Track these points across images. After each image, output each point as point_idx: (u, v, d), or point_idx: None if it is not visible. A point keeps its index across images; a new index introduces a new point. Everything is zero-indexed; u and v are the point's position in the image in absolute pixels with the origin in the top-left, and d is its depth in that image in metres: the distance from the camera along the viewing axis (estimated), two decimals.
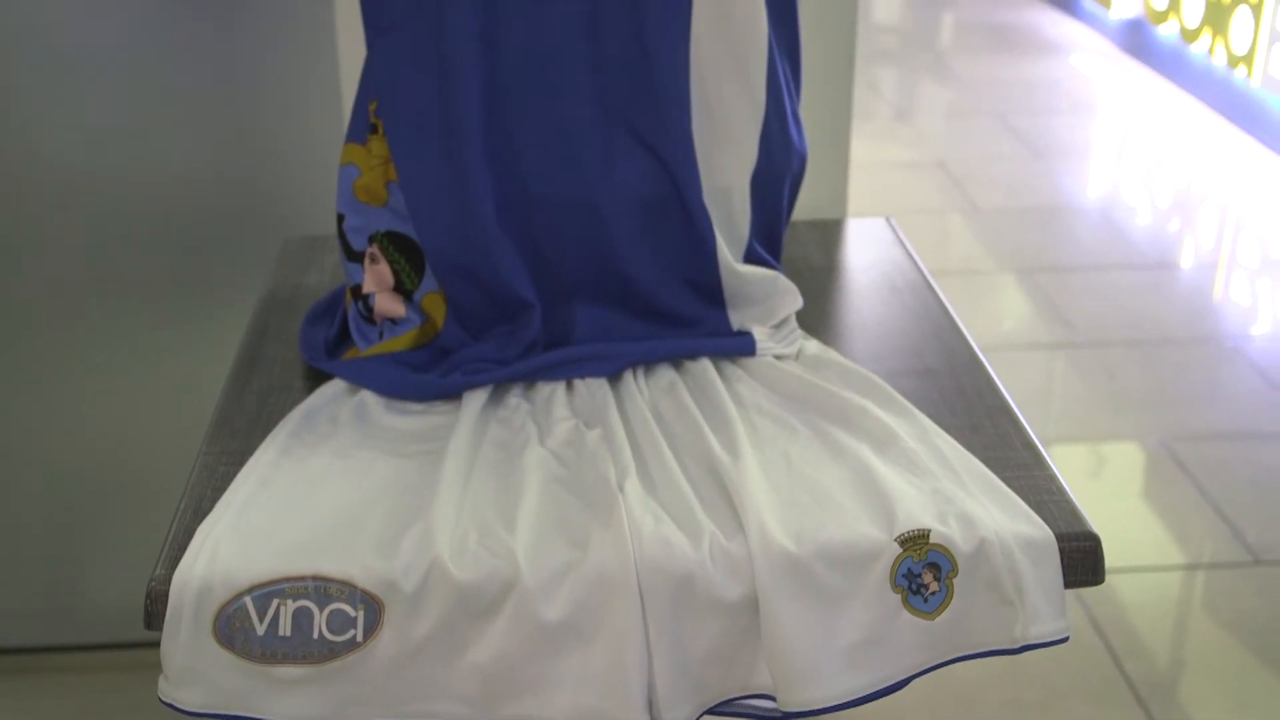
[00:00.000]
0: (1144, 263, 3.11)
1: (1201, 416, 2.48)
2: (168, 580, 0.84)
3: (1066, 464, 2.32)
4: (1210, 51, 4.00)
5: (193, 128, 1.55)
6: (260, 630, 0.83)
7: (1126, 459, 2.34)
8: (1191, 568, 2.06)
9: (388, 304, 1.08)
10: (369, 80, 1.07)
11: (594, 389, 1.02)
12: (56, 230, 1.59)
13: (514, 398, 1.03)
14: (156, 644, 0.84)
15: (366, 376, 1.05)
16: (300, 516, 0.89)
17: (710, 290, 1.07)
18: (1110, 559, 2.01)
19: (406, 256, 1.08)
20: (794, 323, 1.11)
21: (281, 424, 1.00)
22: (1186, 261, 3.13)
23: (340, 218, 1.10)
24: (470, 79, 0.99)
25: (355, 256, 1.10)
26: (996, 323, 2.84)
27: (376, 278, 1.09)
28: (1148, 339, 2.76)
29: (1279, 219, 3.33)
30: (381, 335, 1.09)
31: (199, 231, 1.59)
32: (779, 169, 1.08)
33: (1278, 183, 3.54)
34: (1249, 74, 3.78)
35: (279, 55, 1.52)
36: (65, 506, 1.73)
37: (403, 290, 1.08)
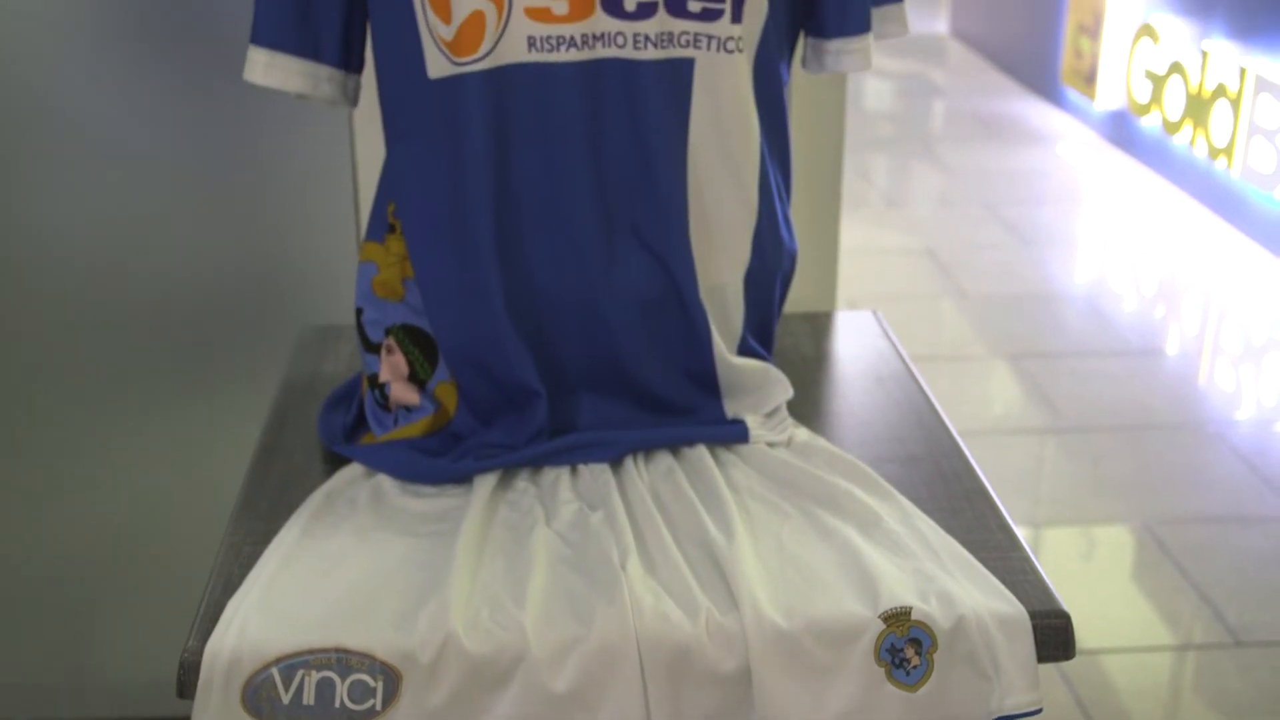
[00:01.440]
0: (1129, 349, 3.18)
1: (1184, 501, 2.54)
2: (199, 652, 0.90)
3: (1055, 547, 2.37)
4: (1192, 143, 4.12)
5: (211, 221, 1.63)
6: (286, 699, 0.89)
7: (1113, 542, 2.40)
8: (1175, 649, 2.11)
9: (403, 393, 1.15)
10: (388, 183, 1.15)
11: (597, 474, 1.09)
12: (82, 317, 1.66)
13: (522, 481, 1.09)
14: (180, 717, 0.90)
15: (383, 461, 1.12)
16: (323, 593, 0.95)
17: (706, 381, 1.13)
18: (1097, 640, 2.07)
19: (420, 348, 1.15)
20: (785, 411, 1.18)
21: (303, 506, 1.07)
22: (1171, 348, 3.21)
23: (359, 311, 1.17)
24: (481, 185, 1.07)
25: (373, 348, 1.17)
26: (984, 408, 2.91)
27: (392, 368, 1.15)
28: (1132, 424, 2.83)
29: (1261, 307, 3.41)
30: (397, 422, 1.16)
31: (218, 320, 1.67)
32: (770, 268, 1.15)
33: (1259, 271, 3.63)
34: (1229, 165, 3.89)
35: (297, 153, 1.60)
36: (86, 584, 1.78)
37: (417, 380, 1.15)
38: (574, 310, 1.09)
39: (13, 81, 1.56)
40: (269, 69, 1.10)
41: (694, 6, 1.05)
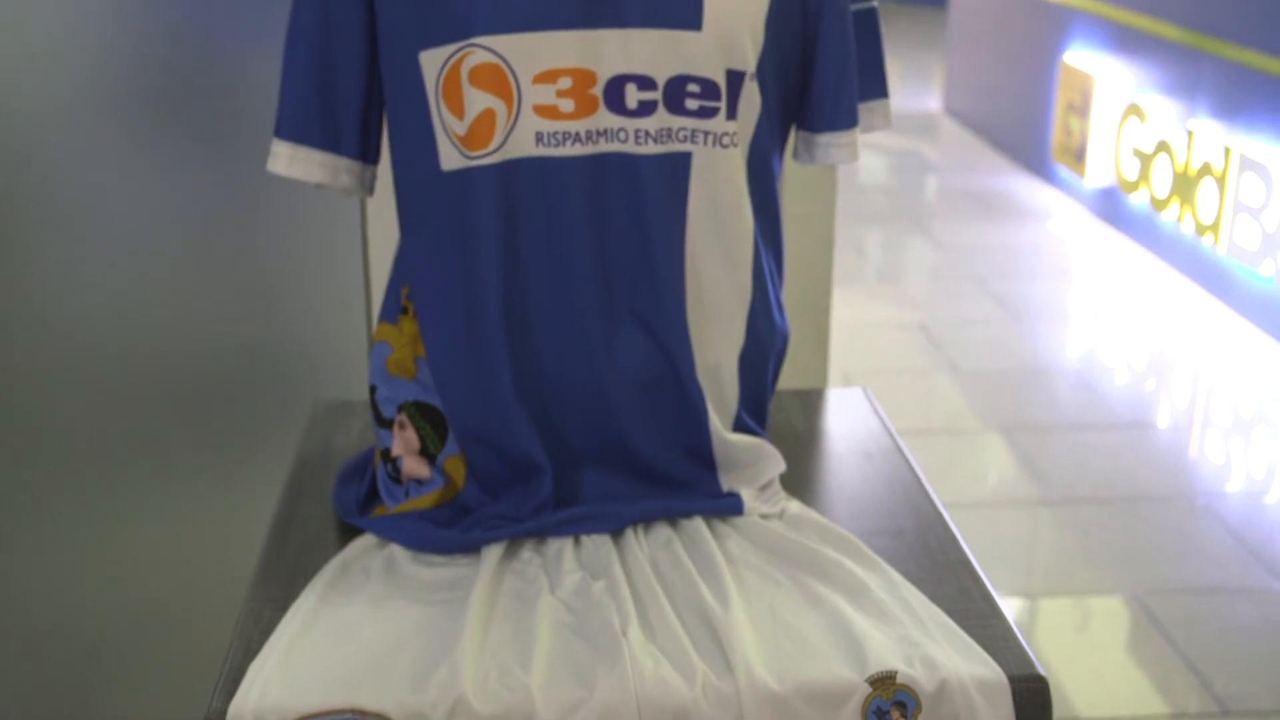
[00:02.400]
0: (1118, 423, 3.24)
1: (1173, 572, 2.59)
2: (223, 713, 0.95)
3: (1048, 617, 2.42)
4: (1179, 220, 4.21)
5: (228, 301, 1.70)
6: None
7: (1103, 612, 2.44)
8: (1165, 718, 2.15)
9: (414, 466, 1.21)
10: (401, 268, 1.22)
11: (599, 544, 1.14)
12: (103, 390, 1.72)
13: (527, 552, 1.15)
14: None
15: (395, 532, 1.17)
16: (340, 656, 1.01)
17: (703, 456, 1.19)
18: (1088, 709, 2.11)
19: (431, 424, 1.21)
20: (778, 485, 1.23)
21: (320, 574, 1.12)
22: (1160, 421, 3.27)
23: (373, 388, 1.23)
24: (490, 271, 1.13)
25: (385, 423, 1.23)
26: (976, 481, 2.96)
27: (404, 443, 1.21)
28: (1122, 496, 2.89)
29: (1249, 380, 3.48)
30: (408, 494, 1.22)
31: (234, 395, 1.73)
32: (764, 348, 1.22)
33: (1246, 346, 3.70)
34: (1215, 242, 3.98)
35: (311, 238, 1.67)
36: (108, 649, 1.83)
37: (427, 454, 1.21)
38: (578, 389, 1.15)
39: (31, 162, 1.63)
40: (292, 161, 1.17)
41: (691, 104, 1.12)
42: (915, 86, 7.22)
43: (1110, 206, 4.75)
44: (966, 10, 6.28)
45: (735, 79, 1.12)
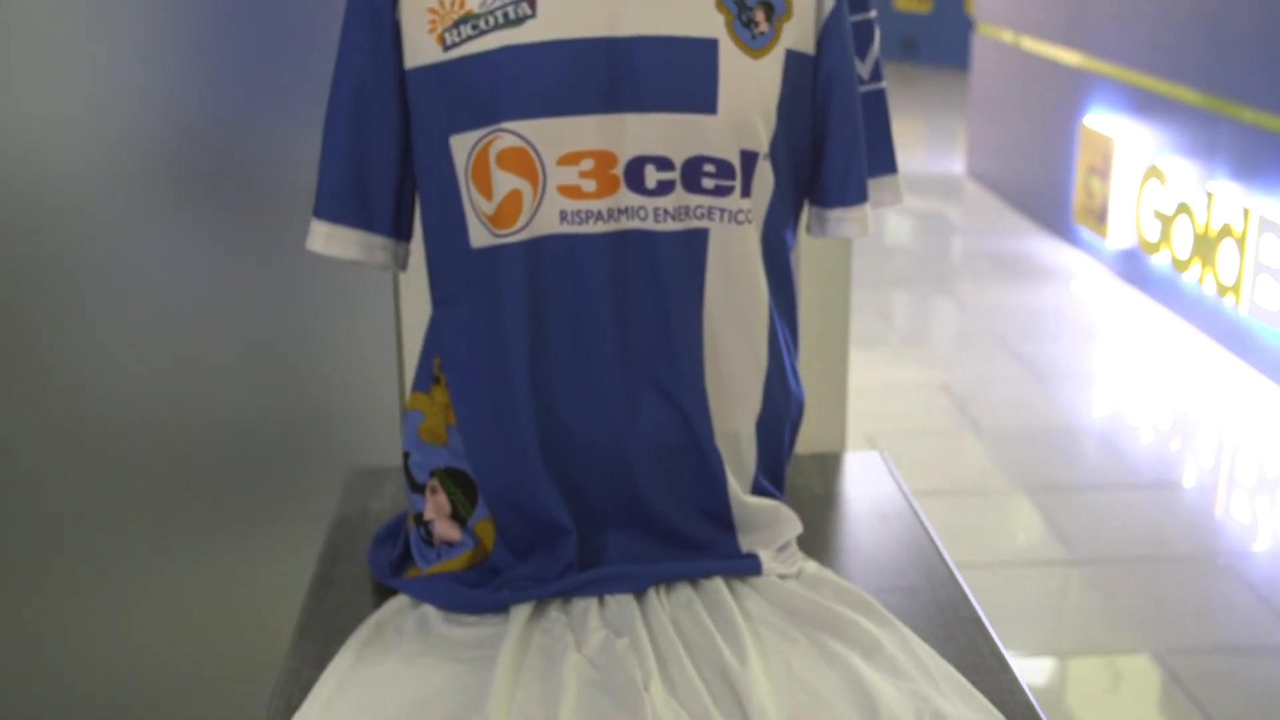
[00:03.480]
0: (1141, 482, 3.27)
1: (1197, 631, 2.60)
2: None
3: (1072, 676, 2.44)
4: (1201, 281, 4.24)
5: (264, 371, 1.77)
6: None
7: (1126, 672, 2.46)
8: None
9: (445, 530, 1.27)
10: (433, 339, 1.28)
11: (623, 604, 1.19)
12: (144, 458, 1.79)
13: (554, 611, 1.20)
14: None
15: (427, 593, 1.23)
16: (375, 713, 1.06)
17: (722, 519, 1.24)
18: None
19: (462, 489, 1.26)
20: (795, 546, 1.28)
21: (355, 634, 1.18)
22: (1183, 481, 3.29)
23: (406, 455, 1.29)
24: (518, 343, 1.19)
25: (418, 488, 1.28)
26: (1000, 541, 2.99)
27: (436, 507, 1.27)
28: (1145, 556, 2.91)
29: (1272, 440, 3.50)
30: (439, 556, 1.27)
31: (271, 462, 1.79)
32: (780, 415, 1.27)
33: (1270, 405, 3.72)
34: (1237, 302, 4.01)
35: (346, 310, 1.74)
36: (146, 710, 1.88)
37: (458, 518, 1.26)
38: (601, 455, 1.20)
39: (64, 235, 1.71)
40: (330, 240, 1.24)
41: (708, 183, 1.18)
42: (938, 149, 7.30)
43: (1132, 267, 4.79)
44: (987, 74, 6.36)
45: (749, 159, 1.18)
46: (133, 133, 1.70)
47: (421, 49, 1.19)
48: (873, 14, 1.30)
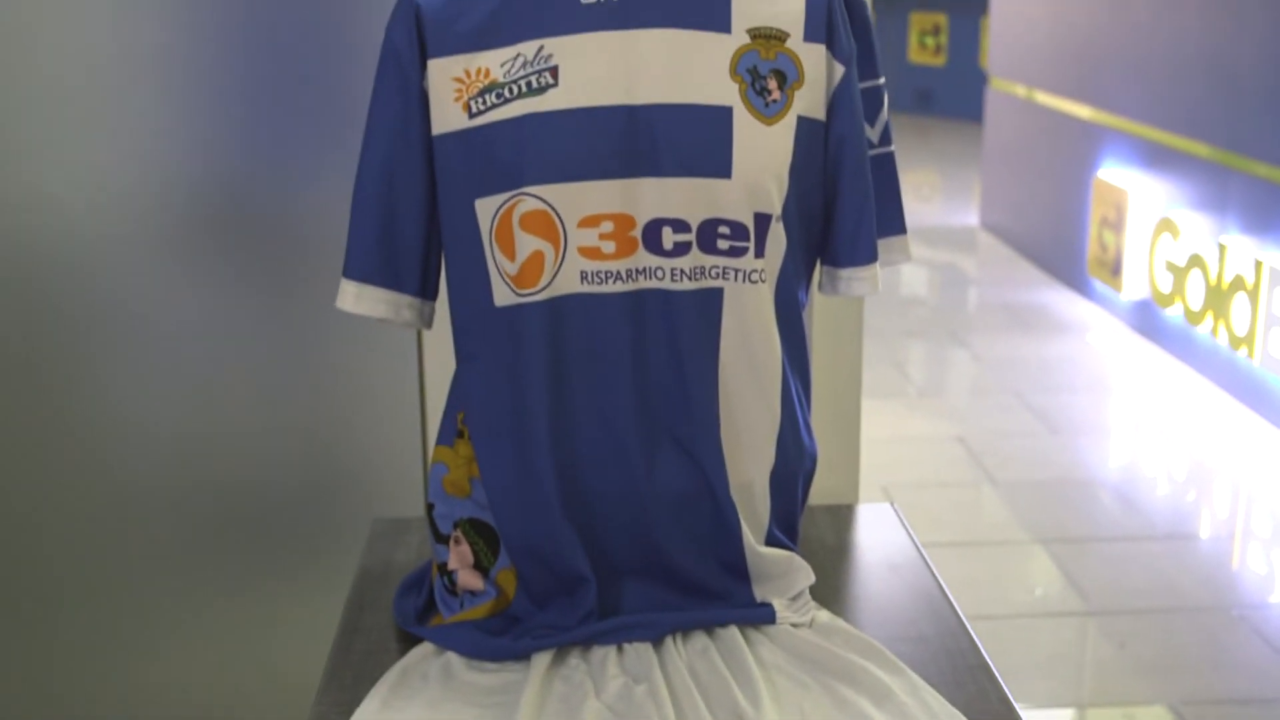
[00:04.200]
0: (1156, 534, 3.29)
1: (1211, 682, 2.62)
2: None
3: None
4: (1214, 333, 4.27)
5: (292, 426, 1.82)
6: None
7: None
8: None
9: (468, 579, 1.31)
10: (457, 394, 1.32)
11: (640, 652, 1.23)
12: (172, 510, 1.83)
13: (574, 658, 1.23)
14: None
15: (451, 640, 1.27)
16: None
17: (737, 569, 1.28)
18: None
19: (484, 540, 1.30)
20: (808, 595, 1.32)
21: (382, 680, 1.21)
22: (1197, 533, 3.31)
23: (430, 506, 1.33)
24: (539, 398, 1.24)
25: (442, 539, 1.32)
26: (1015, 592, 3.01)
27: (459, 557, 1.31)
28: (1160, 607, 2.92)
29: None
30: (463, 605, 1.31)
31: (298, 514, 1.84)
32: (793, 468, 1.31)
33: None
34: (1250, 355, 4.03)
35: (372, 367, 1.79)
36: None
37: (481, 568, 1.30)
38: (620, 507, 1.25)
39: (95, 292, 1.76)
40: (359, 299, 1.29)
41: (722, 244, 1.23)
42: (953, 201, 7.35)
43: (1146, 320, 4.82)
44: (1001, 127, 6.42)
45: (762, 221, 1.23)
46: (162, 192, 1.76)
47: (448, 117, 1.24)
48: (881, 80, 1.35)
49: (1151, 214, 4.78)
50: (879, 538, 1.50)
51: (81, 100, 1.72)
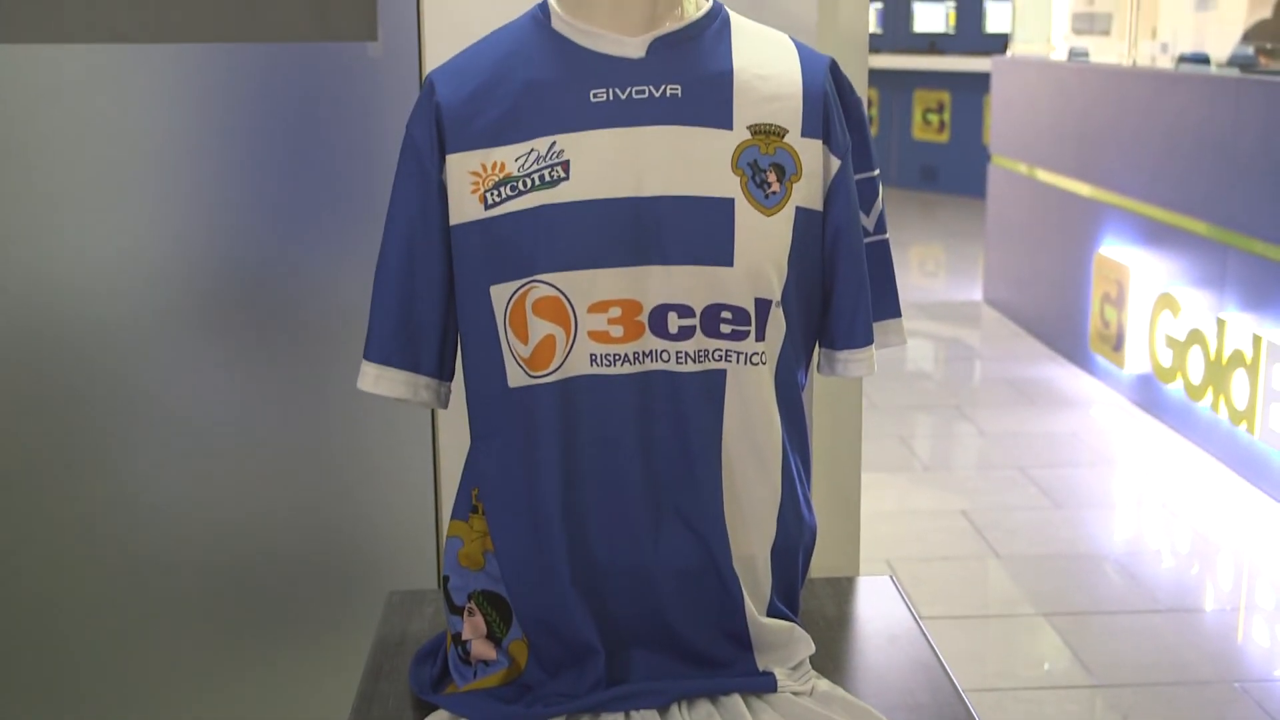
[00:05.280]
0: (1159, 607, 3.32)
1: None
2: None
3: None
4: (1215, 408, 4.32)
5: (310, 503, 1.88)
6: None
7: None
8: None
9: (482, 649, 1.36)
10: (472, 471, 1.38)
11: (648, 718, 1.28)
12: (197, 581, 1.89)
13: None
14: None
15: (465, 708, 1.32)
16: None
17: (740, 639, 1.33)
18: None
19: (498, 611, 1.36)
20: (808, 665, 1.37)
21: None
22: (1200, 606, 3.34)
23: (445, 578, 1.39)
24: (551, 475, 1.30)
25: (456, 610, 1.38)
26: (1019, 666, 3.04)
27: (473, 627, 1.36)
28: (1164, 681, 2.95)
29: None
30: (476, 674, 1.36)
31: (316, 587, 1.90)
32: (793, 542, 1.36)
33: None
34: (1250, 429, 4.08)
35: (387, 445, 1.86)
36: None
37: (494, 638, 1.36)
38: (628, 579, 1.30)
39: (122, 370, 1.83)
40: (379, 380, 1.35)
41: (725, 328, 1.29)
42: (957, 276, 7.44)
43: (1148, 395, 4.87)
44: (1003, 203, 6.52)
45: (763, 306, 1.30)
46: (185, 277, 1.83)
47: (465, 207, 1.31)
48: (876, 172, 1.42)
49: (1152, 290, 4.85)
50: (878, 609, 1.55)
51: (101, 186, 1.80)
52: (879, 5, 10.49)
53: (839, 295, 1.37)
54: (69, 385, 1.83)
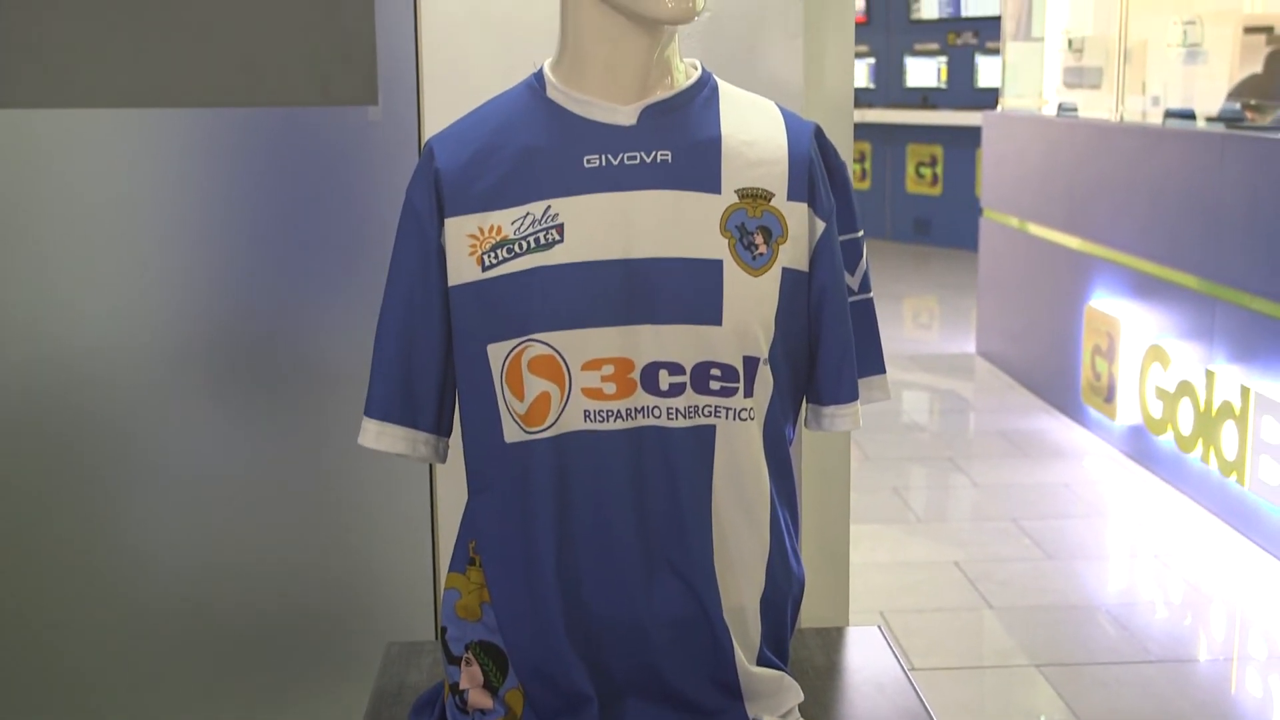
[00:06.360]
0: (1151, 658, 3.34)
1: None
2: None
3: None
4: (1205, 459, 4.36)
5: (311, 556, 1.91)
6: None
7: None
8: None
9: (479, 698, 1.39)
10: (469, 524, 1.42)
11: None
12: (199, 632, 1.92)
13: None
14: None
15: None
16: None
17: (730, 688, 1.37)
18: None
19: (494, 661, 1.39)
20: (798, 713, 1.40)
21: None
22: (1193, 657, 3.36)
23: (443, 629, 1.42)
24: (546, 527, 1.34)
25: (454, 660, 1.41)
26: (1012, 717, 3.06)
27: (470, 677, 1.40)
28: None
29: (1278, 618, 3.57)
30: None
31: (315, 637, 1.93)
32: (782, 592, 1.40)
33: (1277, 583, 3.80)
34: (1240, 480, 4.12)
35: (386, 500, 1.89)
36: None
37: (490, 687, 1.39)
38: (620, 629, 1.34)
39: (121, 425, 1.87)
40: (379, 436, 1.39)
41: (714, 385, 1.34)
42: (951, 329, 7.49)
43: (1140, 446, 4.91)
44: (995, 256, 6.58)
45: (751, 363, 1.34)
46: (186, 330, 1.88)
47: (463, 269, 1.36)
48: (860, 233, 1.47)
49: (1142, 342, 4.90)
50: (866, 659, 1.58)
51: (105, 247, 1.85)
52: (872, 60, 10.62)
53: (825, 353, 1.41)
54: (73, 441, 1.87)
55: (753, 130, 1.38)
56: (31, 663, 1.90)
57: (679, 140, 1.35)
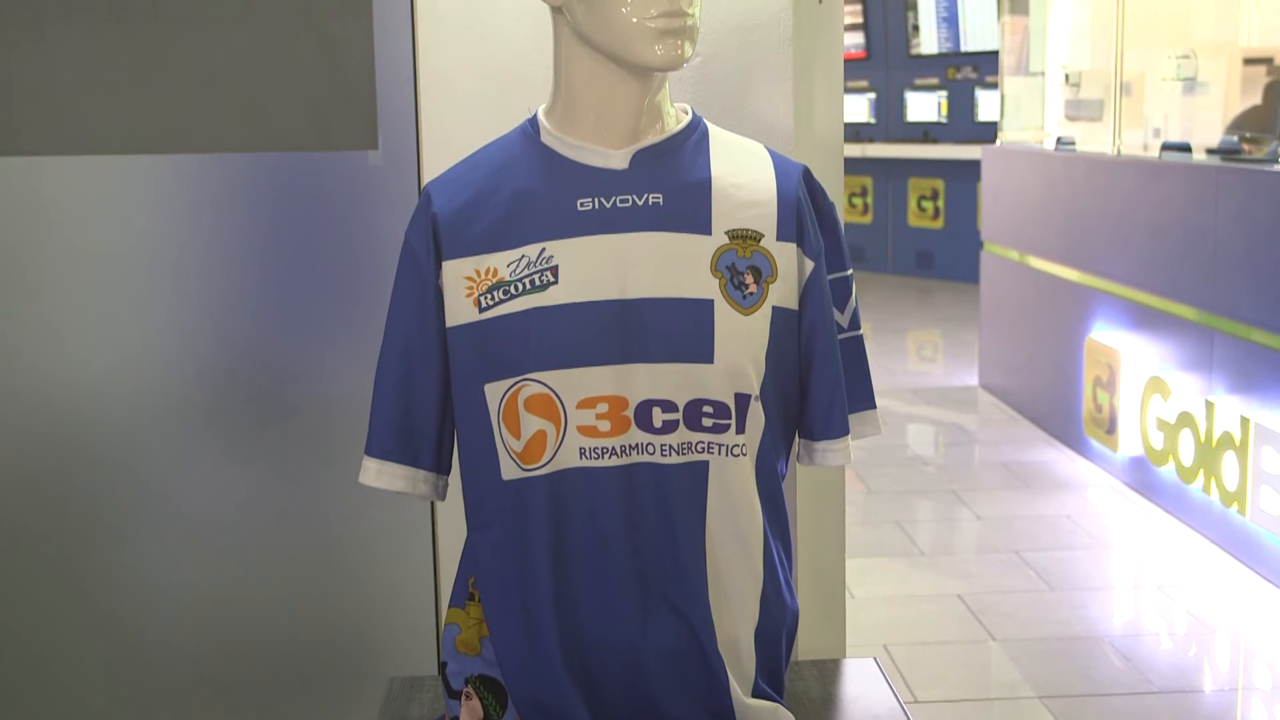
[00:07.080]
0: (1154, 689, 3.35)
1: None
2: None
3: None
4: (1206, 490, 4.37)
5: (313, 592, 1.94)
6: None
7: None
8: None
9: None
10: (468, 560, 1.45)
11: None
12: (202, 669, 1.94)
13: None
14: None
15: None
16: None
17: (726, 718, 1.39)
18: None
19: (493, 694, 1.42)
20: None
21: None
22: (1197, 688, 3.37)
23: (443, 664, 1.45)
24: (543, 562, 1.36)
25: (454, 694, 1.44)
26: None
27: (470, 711, 1.42)
28: None
29: None
30: None
31: (317, 673, 1.95)
32: (776, 625, 1.42)
33: (1278, 614, 3.81)
34: (1241, 511, 4.13)
35: (387, 537, 1.92)
36: None
37: None
38: (617, 661, 1.36)
39: (123, 467, 1.90)
40: (379, 474, 1.42)
41: (707, 422, 1.36)
42: (954, 361, 7.52)
43: (1141, 477, 4.92)
44: (997, 289, 6.61)
45: (743, 401, 1.37)
46: (189, 372, 1.91)
47: (460, 311, 1.39)
48: (849, 271, 1.50)
49: (1142, 374, 4.92)
50: (862, 691, 1.60)
51: (109, 292, 1.88)
52: (872, 95, 10.69)
53: (815, 389, 1.44)
54: (77, 482, 1.90)
55: (742, 173, 1.42)
56: (36, 695, 1.93)
57: (670, 183, 1.39)
